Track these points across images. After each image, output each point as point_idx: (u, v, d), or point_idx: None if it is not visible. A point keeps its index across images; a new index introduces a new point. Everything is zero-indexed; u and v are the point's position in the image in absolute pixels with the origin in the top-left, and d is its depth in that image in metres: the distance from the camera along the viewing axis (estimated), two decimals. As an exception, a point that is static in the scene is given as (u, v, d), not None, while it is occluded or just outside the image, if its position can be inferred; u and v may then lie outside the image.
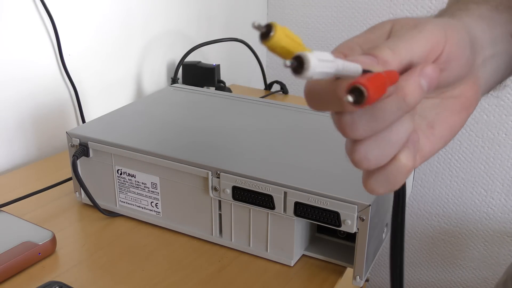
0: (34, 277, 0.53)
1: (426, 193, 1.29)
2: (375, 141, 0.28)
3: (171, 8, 1.03)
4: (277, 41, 0.23)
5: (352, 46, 0.31)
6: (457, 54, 0.31)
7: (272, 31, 0.23)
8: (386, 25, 0.32)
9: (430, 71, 0.28)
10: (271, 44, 0.23)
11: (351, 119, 0.27)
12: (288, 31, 0.24)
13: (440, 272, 1.35)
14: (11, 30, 0.74)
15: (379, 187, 0.30)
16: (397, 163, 0.29)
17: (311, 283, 0.53)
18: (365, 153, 0.28)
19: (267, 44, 0.23)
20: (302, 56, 0.22)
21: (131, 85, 0.98)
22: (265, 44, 0.23)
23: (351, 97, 0.23)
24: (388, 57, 0.27)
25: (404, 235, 0.36)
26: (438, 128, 0.33)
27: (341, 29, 1.27)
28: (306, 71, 0.22)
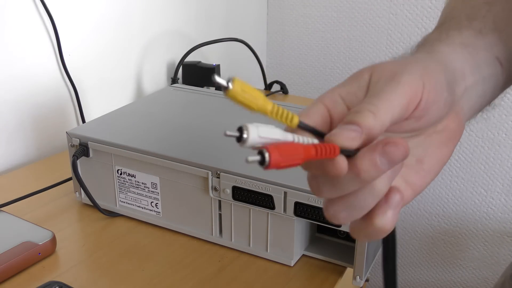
0: (34, 277, 0.53)
1: (426, 193, 1.29)
2: (343, 204, 0.29)
3: (171, 8, 1.03)
4: (234, 95, 0.26)
5: (335, 99, 0.31)
6: (435, 99, 0.31)
7: (231, 85, 0.25)
8: (364, 75, 0.32)
9: (392, 150, 0.27)
10: (229, 96, 0.26)
11: (316, 182, 0.30)
12: (246, 86, 0.26)
13: (440, 272, 1.35)
14: (11, 30, 0.74)
15: (363, 238, 0.31)
16: (372, 226, 0.29)
17: (311, 283, 0.53)
18: (333, 212, 0.30)
19: (227, 95, 0.26)
20: (243, 128, 0.25)
21: (131, 85, 0.98)
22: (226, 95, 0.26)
23: (256, 158, 0.25)
24: (370, 123, 0.28)
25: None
26: (427, 162, 0.33)
27: (341, 29, 1.27)
28: (244, 143, 0.26)
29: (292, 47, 1.36)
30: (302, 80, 1.37)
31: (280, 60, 1.39)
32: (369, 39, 1.25)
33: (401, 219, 1.35)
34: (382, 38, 1.23)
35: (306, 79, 1.36)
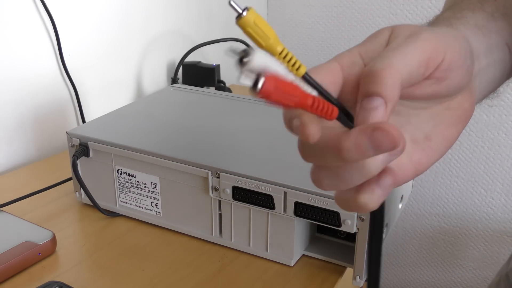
0: (34, 277, 0.53)
1: (426, 193, 1.29)
2: (327, 172, 0.28)
3: (171, 8, 1.03)
4: (244, 24, 0.26)
5: (353, 59, 0.30)
6: (459, 63, 0.30)
7: (245, 13, 0.25)
8: (384, 32, 0.31)
9: (380, 136, 0.25)
10: (240, 24, 0.26)
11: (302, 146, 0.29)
12: (260, 20, 0.26)
13: (440, 272, 1.35)
14: (11, 30, 0.74)
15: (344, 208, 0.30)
16: (356, 201, 0.28)
17: (311, 283, 0.53)
18: (317, 177, 0.29)
19: (237, 23, 0.26)
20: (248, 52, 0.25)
21: (131, 85, 0.98)
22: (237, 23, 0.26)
23: (249, 81, 0.24)
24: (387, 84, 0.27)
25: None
26: (435, 140, 0.32)
27: (341, 29, 1.27)
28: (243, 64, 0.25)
29: (292, 47, 1.36)
30: (302, 80, 1.37)
31: (280, 60, 1.38)
32: (369, 39, 1.24)
33: (401, 219, 1.35)
34: (382, 38, 1.23)
35: (306, 79, 1.36)
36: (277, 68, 0.25)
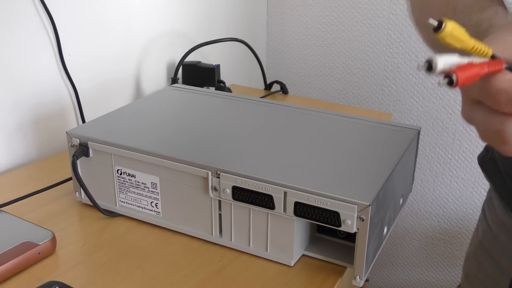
0: (34, 277, 0.53)
1: (426, 193, 1.29)
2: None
3: (171, 8, 1.03)
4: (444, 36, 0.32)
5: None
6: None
7: (443, 25, 0.31)
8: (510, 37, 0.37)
9: None
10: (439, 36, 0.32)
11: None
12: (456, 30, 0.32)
13: (440, 272, 1.35)
14: (11, 30, 0.74)
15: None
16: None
17: (311, 283, 0.53)
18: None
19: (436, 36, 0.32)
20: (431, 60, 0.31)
21: (131, 85, 0.98)
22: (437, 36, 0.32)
23: (446, 80, 0.31)
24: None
25: None
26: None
27: (341, 29, 1.27)
28: (433, 71, 0.31)
29: (292, 47, 1.36)
30: (302, 80, 1.37)
31: (280, 60, 1.39)
32: (369, 39, 1.25)
33: (401, 219, 1.35)
34: (382, 38, 1.23)
35: (306, 79, 1.36)
36: (454, 59, 0.32)
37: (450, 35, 0.31)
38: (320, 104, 1.08)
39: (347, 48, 1.28)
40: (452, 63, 0.31)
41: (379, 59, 1.25)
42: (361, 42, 1.26)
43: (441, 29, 0.31)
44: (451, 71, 0.31)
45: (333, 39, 1.29)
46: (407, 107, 1.25)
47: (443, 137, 1.23)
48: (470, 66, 0.32)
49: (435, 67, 0.31)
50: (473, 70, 0.32)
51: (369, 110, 1.18)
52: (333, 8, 1.27)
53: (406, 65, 1.22)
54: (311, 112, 0.71)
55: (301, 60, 1.35)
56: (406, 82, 1.23)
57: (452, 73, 0.31)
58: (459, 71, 0.31)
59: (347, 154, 0.58)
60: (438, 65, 0.31)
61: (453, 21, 0.31)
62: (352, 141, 0.62)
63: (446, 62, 0.31)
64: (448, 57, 0.31)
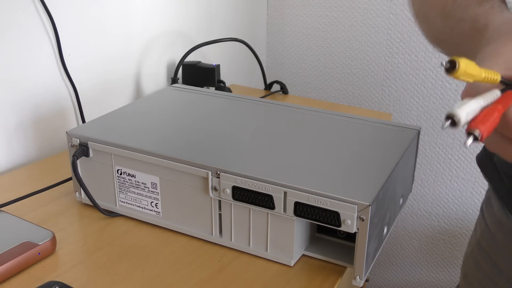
0: (34, 277, 0.53)
1: (426, 193, 1.29)
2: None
3: (171, 8, 1.03)
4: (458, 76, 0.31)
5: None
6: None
7: (457, 66, 0.31)
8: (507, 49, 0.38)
9: None
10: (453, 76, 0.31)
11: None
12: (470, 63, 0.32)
13: (440, 272, 1.35)
14: (11, 30, 0.74)
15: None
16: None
17: (311, 283, 0.53)
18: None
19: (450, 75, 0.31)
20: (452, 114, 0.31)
21: (131, 85, 0.98)
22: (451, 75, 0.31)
23: (471, 140, 0.31)
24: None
25: None
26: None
27: (341, 29, 1.27)
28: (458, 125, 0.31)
29: (292, 47, 1.36)
30: (302, 80, 1.37)
31: (280, 60, 1.39)
32: (369, 39, 1.25)
33: (401, 219, 1.35)
34: (382, 38, 1.23)
35: (306, 79, 1.36)
36: (472, 106, 0.32)
37: (464, 73, 0.31)
38: (320, 104, 1.08)
39: (347, 48, 1.28)
40: (472, 111, 0.32)
41: (379, 59, 1.25)
42: (361, 42, 1.26)
43: (456, 69, 0.31)
44: (472, 126, 0.31)
45: (333, 39, 1.29)
46: (407, 107, 1.25)
47: (443, 137, 1.23)
48: (488, 113, 0.32)
49: (458, 122, 0.31)
50: (492, 117, 0.32)
51: (369, 110, 1.18)
52: (333, 8, 1.27)
53: (406, 65, 1.22)
54: (311, 112, 0.71)
55: (301, 60, 1.35)
56: (406, 82, 1.23)
57: (474, 129, 0.31)
58: (481, 125, 0.31)
59: (347, 154, 0.58)
60: (461, 119, 0.31)
61: (464, 58, 0.31)
62: (352, 141, 0.62)
63: (468, 114, 0.31)
64: (466, 106, 0.31)
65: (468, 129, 0.31)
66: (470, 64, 0.32)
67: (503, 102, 0.33)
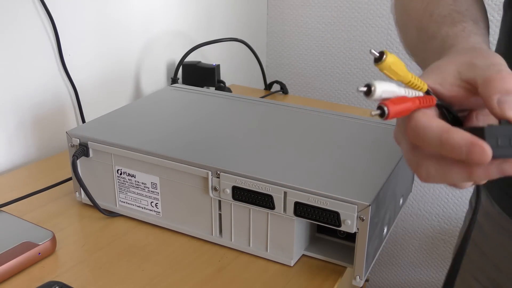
0: (34, 277, 0.53)
1: (426, 193, 1.29)
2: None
3: (171, 8, 1.03)
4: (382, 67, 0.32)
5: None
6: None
7: (384, 57, 0.32)
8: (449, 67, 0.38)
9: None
10: (378, 67, 0.32)
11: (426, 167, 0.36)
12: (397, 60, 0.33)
13: (440, 272, 1.35)
14: (11, 30, 0.74)
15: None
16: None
17: (311, 283, 0.53)
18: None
19: (376, 66, 0.33)
20: (370, 85, 0.32)
21: (131, 85, 0.98)
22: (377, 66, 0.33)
23: (378, 112, 0.32)
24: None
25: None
26: None
27: (341, 29, 1.27)
28: (371, 95, 0.32)
29: (292, 47, 1.36)
30: (302, 80, 1.37)
31: (280, 60, 1.39)
32: (369, 39, 1.25)
33: (401, 219, 1.35)
34: (382, 38, 1.23)
35: (306, 79, 1.36)
36: (393, 88, 0.33)
37: (389, 68, 0.32)
38: (320, 104, 1.08)
39: (347, 48, 1.28)
40: (390, 92, 0.32)
41: (379, 59, 1.25)
42: (361, 42, 1.26)
43: (381, 60, 0.32)
44: (384, 102, 0.32)
45: (333, 39, 1.29)
46: (407, 107, 1.25)
47: (443, 137, 1.23)
48: (403, 99, 0.33)
49: (373, 93, 0.32)
50: (405, 104, 0.33)
51: (369, 110, 1.18)
52: (333, 8, 1.27)
53: (406, 65, 1.22)
54: (311, 112, 0.71)
55: (301, 60, 1.35)
56: (406, 82, 1.23)
57: (384, 105, 0.32)
58: (391, 104, 0.32)
59: (347, 154, 0.58)
60: (376, 91, 0.32)
61: (394, 55, 0.32)
62: (352, 141, 0.62)
63: (385, 90, 0.32)
64: (387, 85, 0.32)
65: (380, 103, 0.32)
66: (398, 63, 0.33)
67: (422, 101, 0.34)
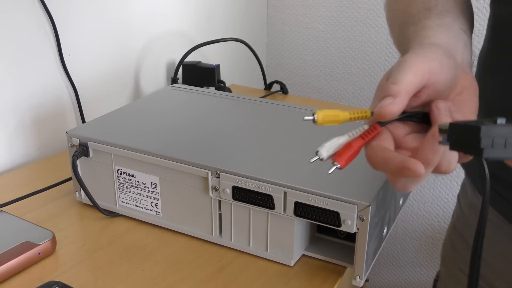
0: (34, 277, 0.53)
1: (426, 193, 1.29)
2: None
3: (171, 8, 1.03)
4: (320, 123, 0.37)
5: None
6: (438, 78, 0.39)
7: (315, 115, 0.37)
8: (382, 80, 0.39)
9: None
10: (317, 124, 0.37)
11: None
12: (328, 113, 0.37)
13: (440, 272, 1.35)
14: (11, 30, 0.74)
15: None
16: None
17: (311, 283, 0.53)
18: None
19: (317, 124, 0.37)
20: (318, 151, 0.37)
21: (131, 85, 0.98)
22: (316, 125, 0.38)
23: (333, 168, 0.37)
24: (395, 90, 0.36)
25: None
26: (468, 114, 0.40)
27: (341, 29, 1.27)
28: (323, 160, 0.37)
29: (292, 47, 1.36)
30: (302, 80, 1.37)
31: (280, 60, 1.39)
32: (369, 39, 1.25)
33: (401, 219, 1.35)
34: (382, 38, 1.23)
35: (306, 79, 1.36)
36: (335, 142, 0.37)
37: (324, 121, 0.37)
38: (320, 104, 1.08)
39: (347, 48, 1.28)
40: (335, 146, 0.37)
41: (379, 59, 1.25)
42: (361, 42, 1.26)
43: (315, 120, 0.37)
44: (334, 159, 0.36)
45: (333, 39, 1.29)
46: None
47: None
48: (348, 147, 0.37)
49: (322, 157, 0.37)
50: (350, 150, 0.37)
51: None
52: (333, 8, 1.27)
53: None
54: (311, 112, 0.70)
55: (301, 60, 1.35)
56: (406, 82, 1.23)
57: (335, 161, 0.36)
58: (339, 158, 0.36)
59: (347, 154, 0.58)
60: (323, 155, 0.37)
61: (323, 110, 0.37)
62: (352, 141, 0.62)
63: (329, 149, 0.37)
64: (329, 143, 0.37)
65: (332, 161, 0.36)
66: (330, 114, 0.37)
67: (366, 137, 0.37)
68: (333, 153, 0.37)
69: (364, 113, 0.38)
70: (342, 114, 0.38)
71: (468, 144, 0.32)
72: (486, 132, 0.31)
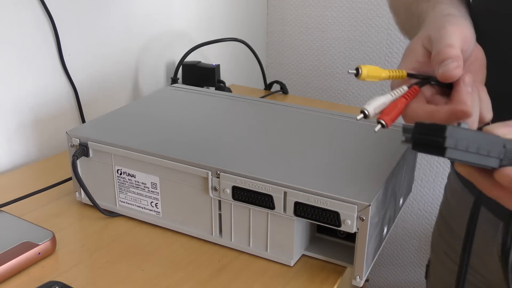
0: (34, 277, 0.53)
1: (426, 193, 1.29)
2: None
3: (171, 8, 1.03)
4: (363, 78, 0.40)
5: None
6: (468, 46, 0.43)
7: (360, 71, 0.39)
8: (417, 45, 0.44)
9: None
10: (359, 79, 0.40)
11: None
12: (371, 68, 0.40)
13: (440, 272, 1.35)
14: (11, 30, 0.74)
15: None
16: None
17: (311, 283, 0.53)
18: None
19: (360, 79, 0.40)
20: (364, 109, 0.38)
21: (131, 85, 0.98)
22: (359, 79, 0.40)
23: (379, 126, 0.38)
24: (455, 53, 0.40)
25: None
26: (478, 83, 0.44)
27: (341, 29, 1.27)
28: (368, 117, 0.39)
29: (292, 47, 1.36)
30: (302, 80, 1.37)
31: (280, 60, 1.39)
32: (369, 39, 1.25)
33: (401, 219, 1.35)
34: (382, 38, 1.23)
35: (306, 79, 1.36)
36: (380, 100, 0.39)
37: (368, 76, 0.39)
38: (320, 104, 1.08)
39: (347, 48, 1.28)
40: (380, 105, 0.39)
41: (379, 59, 1.25)
42: (361, 42, 1.26)
43: (359, 74, 0.39)
44: (380, 117, 0.38)
45: (333, 39, 1.29)
46: (407, 107, 1.25)
47: (443, 137, 1.23)
48: (393, 106, 0.39)
49: (368, 115, 0.38)
50: (395, 109, 0.39)
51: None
52: (333, 8, 1.27)
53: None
54: (311, 112, 0.71)
55: (301, 60, 1.35)
56: (406, 82, 1.23)
57: (381, 120, 0.38)
58: (385, 116, 0.38)
59: (347, 154, 0.58)
60: (370, 113, 0.38)
61: (367, 66, 0.39)
62: (352, 141, 0.62)
63: (376, 107, 0.39)
64: (375, 101, 0.39)
65: (377, 119, 0.38)
66: (373, 69, 0.39)
67: (408, 97, 0.40)
68: (378, 111, 0.39)
69: (400, 73, 0.41)
70: (383, 72, 0.40)
71: (432, 144, 0.32)
72: (451, 132, 0.32)
